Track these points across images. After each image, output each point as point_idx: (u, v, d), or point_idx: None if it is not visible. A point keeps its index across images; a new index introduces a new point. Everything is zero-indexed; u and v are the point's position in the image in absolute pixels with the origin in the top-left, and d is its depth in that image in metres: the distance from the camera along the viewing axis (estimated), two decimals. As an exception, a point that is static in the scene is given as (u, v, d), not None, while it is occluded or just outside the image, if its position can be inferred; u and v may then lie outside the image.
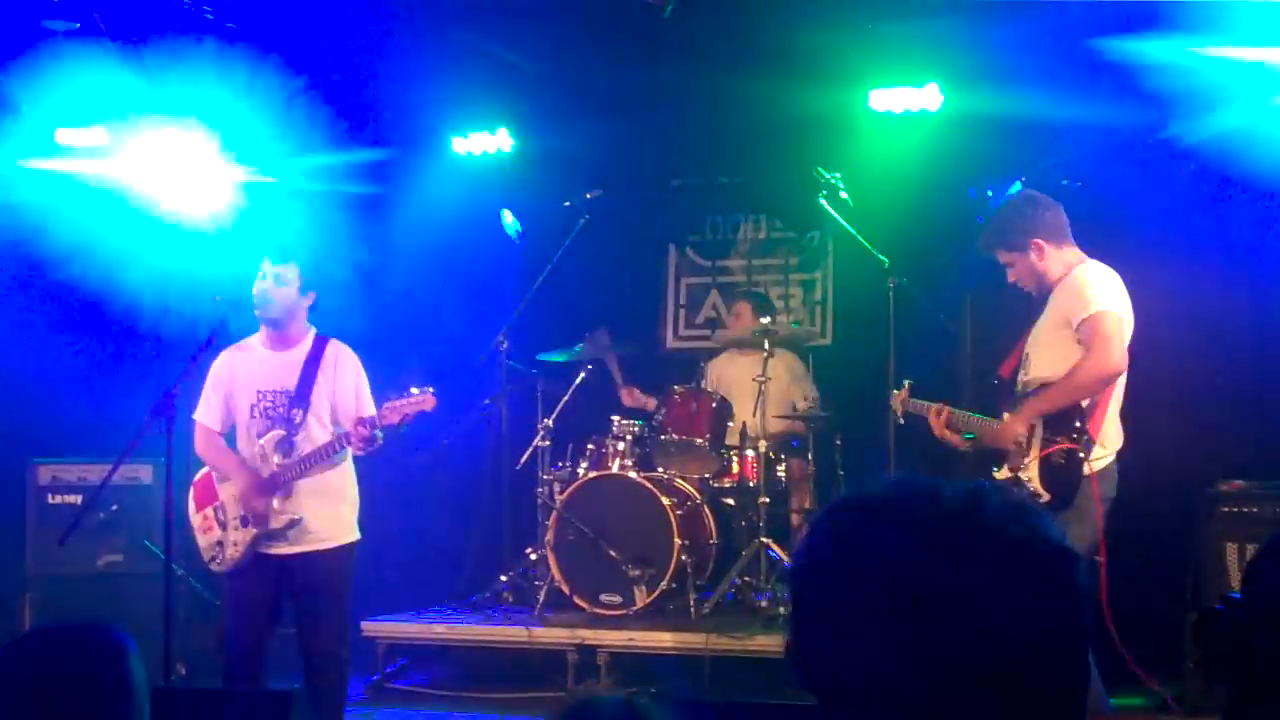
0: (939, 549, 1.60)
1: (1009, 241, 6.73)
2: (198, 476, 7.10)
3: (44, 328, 10.51)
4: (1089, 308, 6.38)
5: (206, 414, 7.03)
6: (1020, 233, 6.70)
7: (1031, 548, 1.63)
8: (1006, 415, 6.65)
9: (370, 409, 6.83)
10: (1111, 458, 6.44)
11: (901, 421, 7.55)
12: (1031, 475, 6.43)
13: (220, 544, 6.88)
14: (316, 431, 6.83)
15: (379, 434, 6.74)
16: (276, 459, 6.79)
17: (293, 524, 6.76)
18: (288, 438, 6.80)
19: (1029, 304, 6.79)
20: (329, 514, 6.87)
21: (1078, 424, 6.36)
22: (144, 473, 9.49)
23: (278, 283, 6.85)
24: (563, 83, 9.70)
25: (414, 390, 6.73)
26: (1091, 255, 6.70)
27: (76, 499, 9.43)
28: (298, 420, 6.81)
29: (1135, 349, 6.48)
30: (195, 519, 7.01)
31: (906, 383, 7.48)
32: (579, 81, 9.67)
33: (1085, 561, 6.26)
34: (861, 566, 1.64)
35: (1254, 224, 9.08)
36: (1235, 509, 8.15)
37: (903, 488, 1.70)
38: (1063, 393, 6.40)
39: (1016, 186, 9.03)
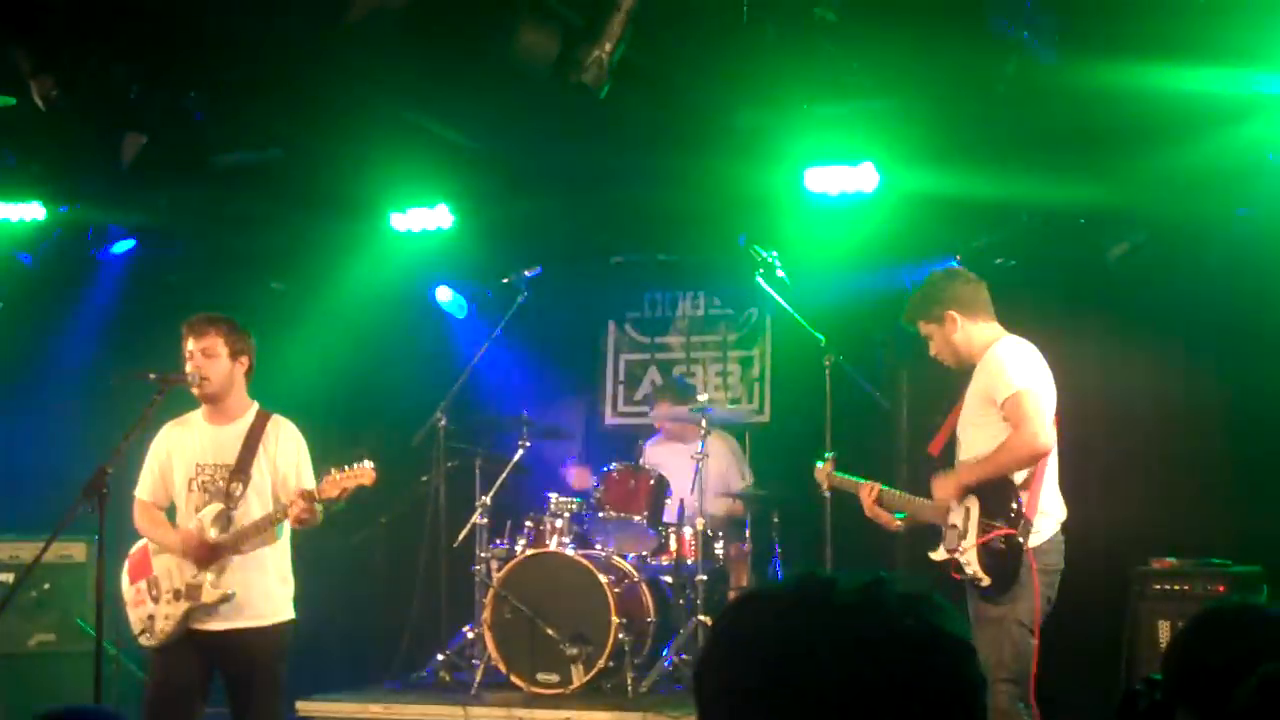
0: (832, 644, 1.62)
1: (925, 312, 6.84)
2: (134, 549, 7.02)
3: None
4: (1010, 387, 6.45)
5: (145, 489, 6.97)
6: (935, 304, 6.79)
7: (925, 641, 1.65)
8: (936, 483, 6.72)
9: (310, 482, 6.79)
10: (1054, 530, 6.48)
11: (826, 494, 7.57)
12: (970, 559, 6.45)
13: (152, 618, 6.80)
14: (255, 506, 6.77)
15: (319, 507, 6.70)
16: (214, 532, 6.73)
17: (226, 599, 6.69)
18: (226, 511, 6.75)
19: (963, 382, 6.85)
20: (264, 590, 6.80)
21: (1014, 506, 6.39)
22: (77, 550, 9.40)
23: (206, 356, 6.81)
24: (502, 160, 9.73)
25: (354, 464, 6.70)
26: (1026, 333, 6.77)
27: (8, 577, 9.31)
28: (237, 494, 6.75)
29: (1069, 425, 6.56)
30: (128, 592, 6.93)
31: (830, 456, 7.49)
32: (518, 159, 9.71)
33: (1030, 644, 6.33)
34: (758, 658, 1.66)
35: (1186, 302, 9.21)
36: (1167, 587, 8.23)
37: (802, 582, 1.72)
38: (991, 466, 6.46)
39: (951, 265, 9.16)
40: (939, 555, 6.65)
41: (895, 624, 1.65)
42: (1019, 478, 6.45)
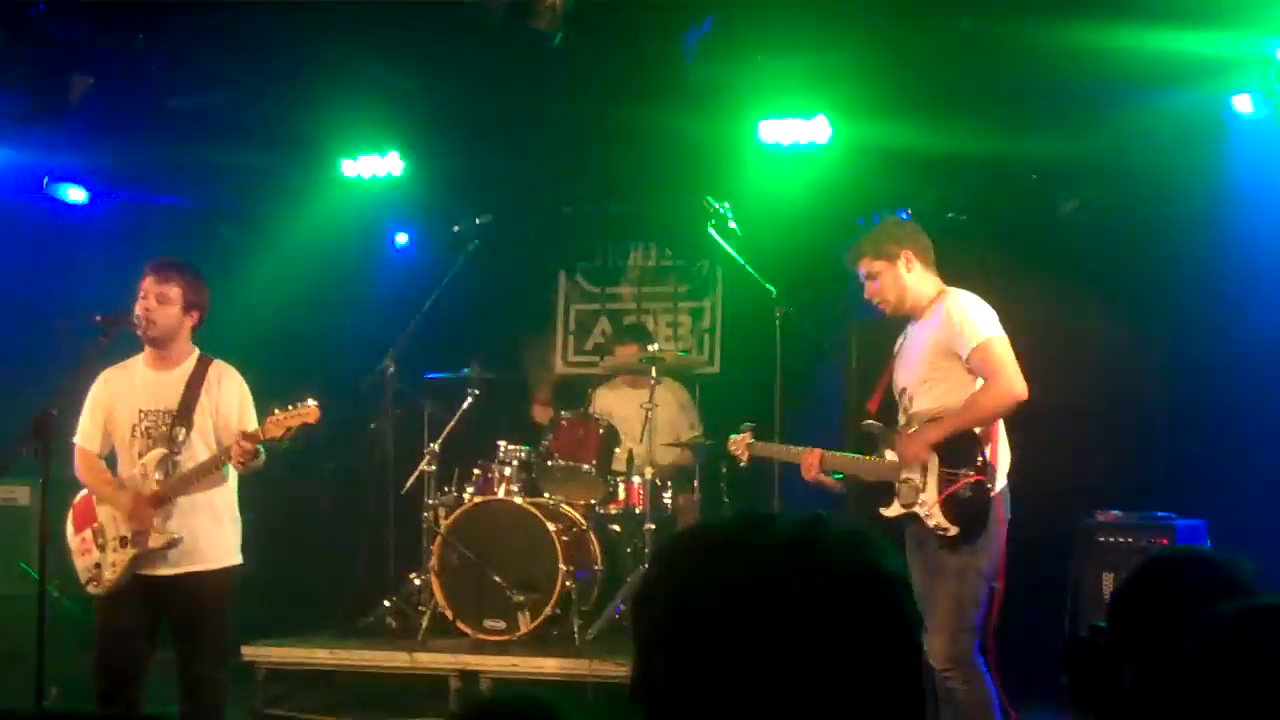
0: (770, 580, 1.63)
1: (879, 249, 6.73)
2: (77, 499, 6.97)
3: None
4: (976, 336, 6.42)
5: (85, 437, 6.91)
6: (892, 241, 6.73)
7: (862, 577, 1.66)
8: (890, 452, 6.68)
9: (253, 424, 6.75)
10: (1005, 479, 6.50)
11: (744, 465, 7.50)
12: (932, 511, 6.41)
13: (98, 566, 6.76)
14: (200, 450, 6.74)
15: (261, 449, 6.66)
16: (158, 477, 6.69)
17: (172, 544, 6.65)
18: (170, 456, 6.71)
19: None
20: (210, 534, 6.78)
21: (979, 456, 6.39)
22: (20, 494, 9.36)
23: (159, 301, 6.76)
24: (453, 107, 9.68)
25: (298, 404, 6.67)
26: (975, 286, 6.77)
27: (-49, 520, 9.26)
28: (180, 439, 6.72)
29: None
30: (73, 541, 6.89)
31: (747, 425, 7.41)
32: (470, 107, 9.65)
33: (987, 592, 6.37)
34: (697, 596, 1.67)
35: (1135, 257, 9.27)
36: (1110, 539, 8.28)
37: (741, 521, 1.73)
38: (966, 420, 6.41)
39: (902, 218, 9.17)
40: (893, 511, 6.59)
41: (833, 559, 1.66)
42: (978, 431, 6.45)
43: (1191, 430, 9.14)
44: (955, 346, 6.47)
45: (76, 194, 10.90)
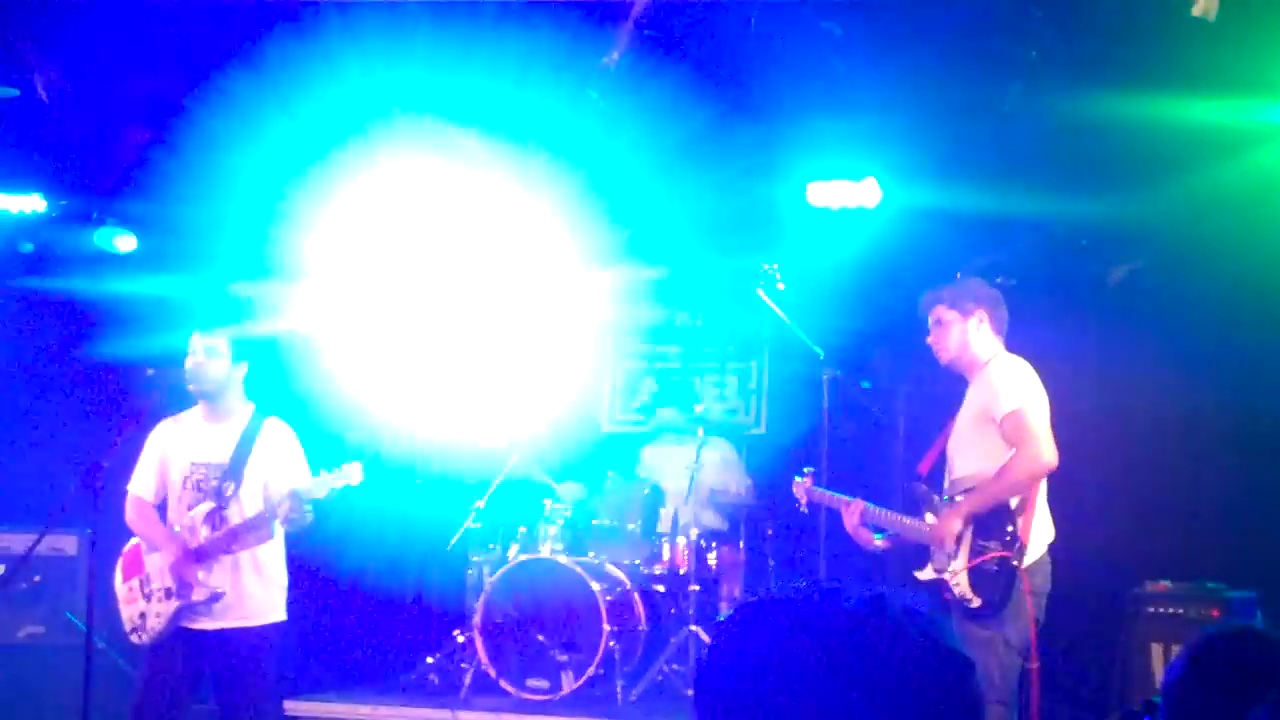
0: (842, 652, 1.63)
1: (958, 301, 6.76)
2: (126, 547, 7.02)
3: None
4: (1011, 403, 6.41)
5: (139, 485, 6.97)
6: (972, 299, 6.76)
7: (930, 654, 1.65)
8: (930, 516, 6.66)
9: (304, 481, 6.78)
10: (1041, 552, 6.45)
11: (804, 510, 7.52)
12: (960, 581, 6.40)
13: (143, 615, 6.79)
14: (248, 505, 6.78)
15: (308, 508, 6.69)
16: (205, 532, 6.72)
17: (215, 597, 6.68)
18: (218, 510, 6.74)
19: (957, 401, 6.83)
20: (255, 590, 6.80)
21: (1010, 528, 6.36)
22: (68, 544, 9.38)
23: (209, 355, 6.82)
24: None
25: (343, 466, 6.70)
26: (1023, 351, 6.75)
27: (-2, 568, 9.31)
28: (229, 493, 6.76)
29: (1063, 446, 6.53)
30: (121, 589, 6.92)
31: (808, 470, 7.44)
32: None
33: (1019, 666, 6.32)
34: (766, 666, 1.66)
35: (1185, 326, 9.21)
36: (1160, 610, 8.21)
37: (808, 591, 1.72)
38: (998, 490, 6.39)
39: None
40: (926, 575, 6.60)
41: (901, 636, 1.66)
42: (1014, 500, 6.43)
43: (1241, 500, 9.05)
44: (992, 410, 6.47)
45: (125, 242, 10.96)
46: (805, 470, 7.44)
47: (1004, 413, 6.42)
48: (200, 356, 6.82)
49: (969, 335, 6.72)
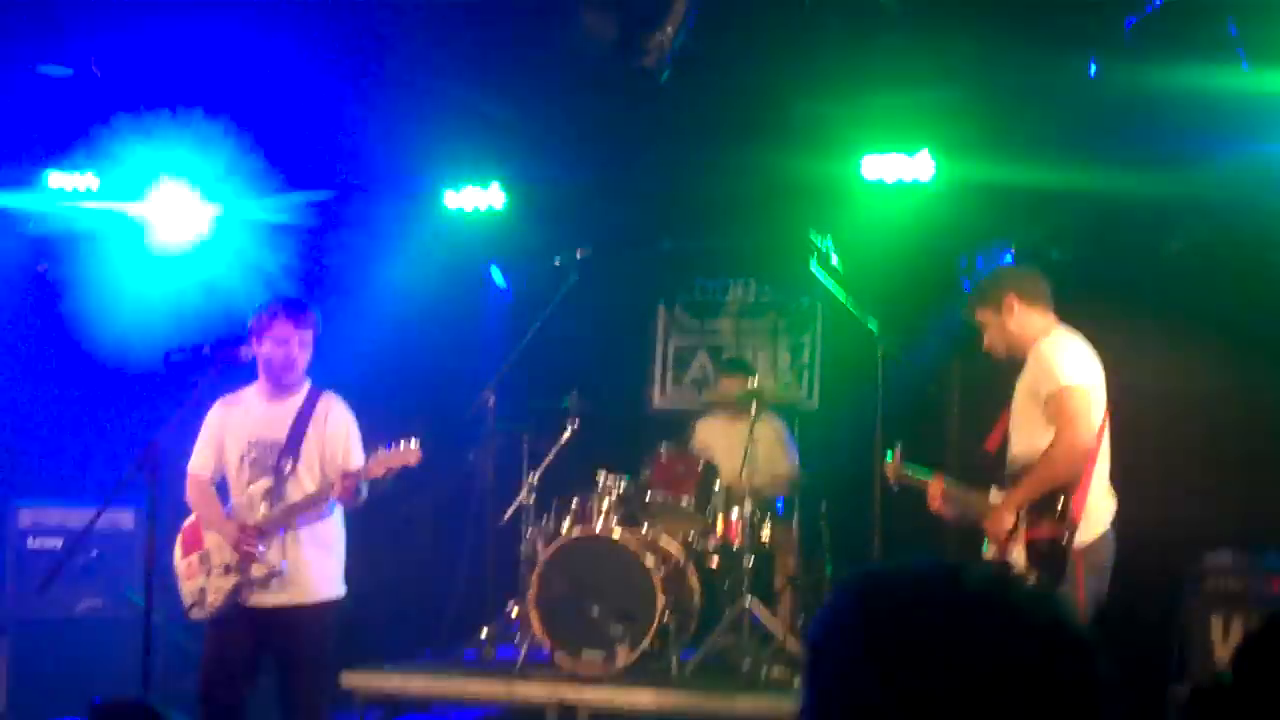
0: (965, 631, 1.61)
1: (984, 298, 6.76)
2: (186, 523, 7.07)
3: (28, 368, 10.50)
4: (1055, 382, 6.37)
5: (198, 463, 7.02)
6: (995, 288, 6.73)
7: (1053, 635, 1.64)
8: (993, 498, 6.64)
9: (358, 461, 6.81)
10: (1103, 527, 6.42)
11: (895, 489, 7.50)
12: (1018, 557, 6.39)
13: (202, 590, 6.85)
14: (306, 482, 6.81)
15: (364, 486, 6.71)
16: (263, 508, 6.76)
17: (274, 574, 6.72)
18: (276, 487, 6.78)
19: (1016, 374, 6.80)
20: (314, 566, 6.84)
21: (1060, 506, 6.33)
22: (126, 519, 9.46)
23: (302, 347, 6.87)
24: (556, 141, 9.74)
25: (400, 444, 6.72)
26: (1080, 325, 6.71)
27: (57, 543, 9.39)
28: (287, 470, 6.79)
29: (1123, 420, 6.49)
30: (180, 565, 6.98)
31: (898, 446, 7.40)
32: (572, 141, 9.71)
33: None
34: (886, 641, 1.65)
35: (1244, 298, 9.14)
36: (1221, 582, 8.15)
37: (930, 567, 1.71)
38: (1039, 481, 6.37)
39: (1006, 259, 9.12)
40: (991, 552, 6.60)
41: (1025, 617, 1.65)
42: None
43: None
44: (1039, 387, 6.45)
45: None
46: (895, 447, 7.41)
47: (1049, 392, 6.39)
48: (294, 349, 6.85)
49: (1009, 325, 6.70)
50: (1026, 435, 6.54)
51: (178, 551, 7.02)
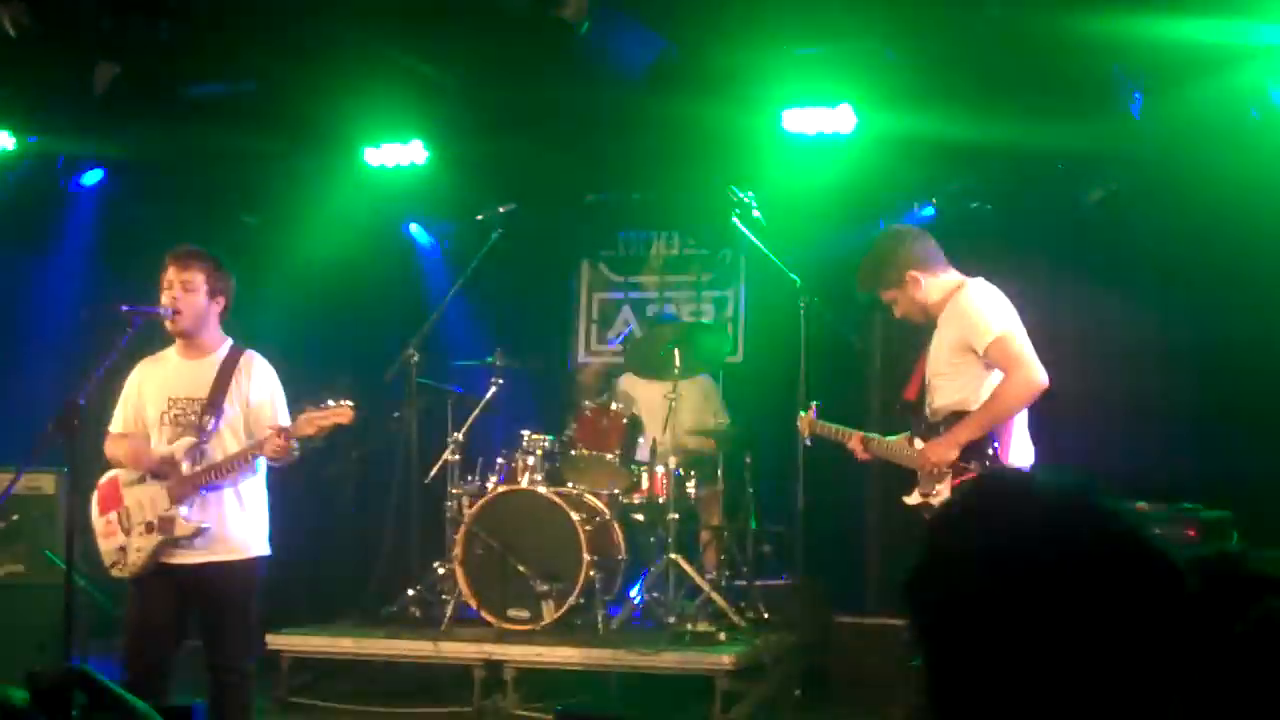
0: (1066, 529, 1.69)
1: (884, 279, 6.76)
2: (102, 480, 6.95)
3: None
4: (990, 332, 6.41)
5: (119, 424, 6.90)
6: (891, 268, 6.73)
7: (1136, 547, 1.69)
8: (922, 442, 6.67)
9: (285, 418, 6.74)
10: None
11: (809, 444, 7.54)
12: (945, 495, 6.44)
13: (123, 549, 6.75)
14: (229, 440, 6.73)
15: (295, 445, 6.65)
16: (186, 466, 6.68)
17: (199, 532, 6.65)
18: (199, 445, 6.70)
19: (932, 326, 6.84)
20: (237, 523, 6.76)
21: (990, 450, 6.39)
22: (45, 482, 9.34)
23: (185, 290, 6.74)
24: (478, 96, 9.66)
25: (331, 402, 6.66)
26: (999, 276, 6.75)
27: (-25, 508, 9.27)
28: (209, 427, 6.70)
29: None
30: (98, 523, 6.87)
31: (814, 404, 7.42)
32: (494, 96, 9.64)
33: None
34: (998, 535, 1.70)
35: (1161, 249, 9.23)
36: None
37: (1051, 471, 1.78)
38: (993, 414, 6.41)
39: (928, 210, 9.16)
40: (913, 499, 6.65)
41: (1107, 525, 1.70)
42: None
43: (1216, 422, 9.10)
44: (971, 341, 6.47)
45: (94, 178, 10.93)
46: (811, 404, 7.43)
47: (987, 342, 6.41)
48: (176, 291, 6.74)
49: (915, 298, 6.71)
50: (958, 386, 6.54)
51: (94, 509, 6.90)
